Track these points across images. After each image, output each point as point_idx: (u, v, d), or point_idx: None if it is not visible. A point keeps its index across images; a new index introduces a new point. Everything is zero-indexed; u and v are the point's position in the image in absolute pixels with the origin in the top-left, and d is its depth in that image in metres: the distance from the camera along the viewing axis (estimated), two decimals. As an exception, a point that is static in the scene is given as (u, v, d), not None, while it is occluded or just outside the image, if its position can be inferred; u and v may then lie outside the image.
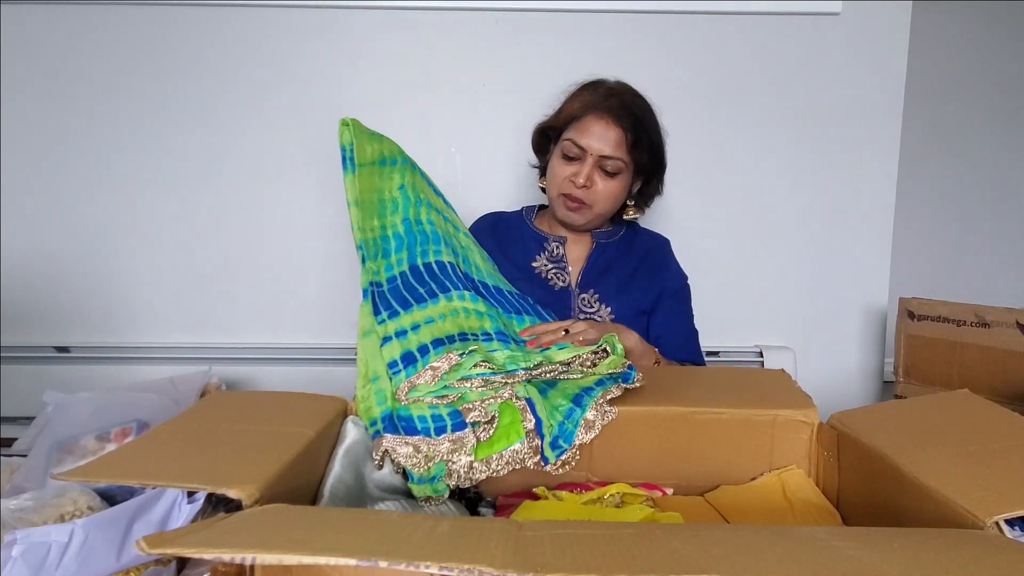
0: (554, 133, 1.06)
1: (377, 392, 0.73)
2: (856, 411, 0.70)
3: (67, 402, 1.03)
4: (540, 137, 1.11)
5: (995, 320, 1.11)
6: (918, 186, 1.68)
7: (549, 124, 1.07)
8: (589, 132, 0.99)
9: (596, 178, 1.01)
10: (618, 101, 1.00)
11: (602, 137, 0.99)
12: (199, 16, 1.37)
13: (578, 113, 1.01)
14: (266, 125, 1.41)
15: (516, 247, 1.11)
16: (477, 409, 0.71)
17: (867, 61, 1.41)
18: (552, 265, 1.08)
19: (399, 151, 0.91)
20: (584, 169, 1.00)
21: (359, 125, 0.85)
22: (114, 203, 1.42)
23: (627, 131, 0.99)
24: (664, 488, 0.73)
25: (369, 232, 0.84)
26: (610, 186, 1.02)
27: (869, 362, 1.51)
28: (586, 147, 0.99)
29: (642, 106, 1.03)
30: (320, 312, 1.46)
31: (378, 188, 0.86)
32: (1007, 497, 0.49)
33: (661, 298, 1.09)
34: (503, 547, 0.37)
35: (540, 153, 1.13)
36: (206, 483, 0.50)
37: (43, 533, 0.60)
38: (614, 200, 1.04)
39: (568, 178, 1.01)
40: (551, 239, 1.10)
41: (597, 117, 0.99)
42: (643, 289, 1.08)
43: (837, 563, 0.37)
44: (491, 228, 1.13)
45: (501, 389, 0.73)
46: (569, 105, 1.04)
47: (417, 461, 0.67)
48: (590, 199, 1.02)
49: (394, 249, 0.85)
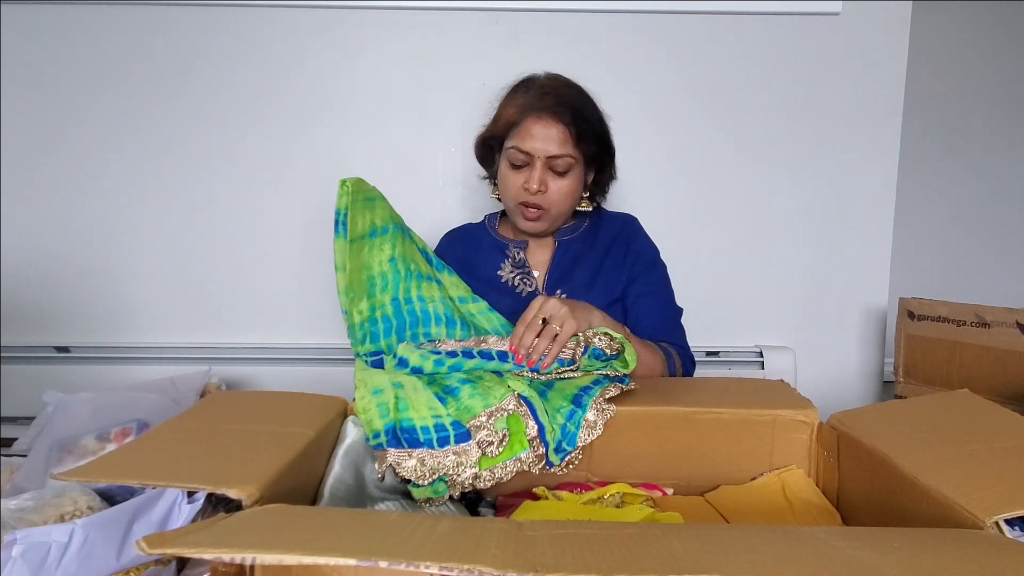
0: (496, 142, 1.03)
1: (379, 405, 0.72)
2: (856, 411, 0.70)
3: (67, 402, 1.03)
4: (483, 148, 1.08)
5: (995, 320, 1.11)
6: (918, 186, 1.68)
7: (489, 134, 1.04)
8: (531, 135, 0.96)
9: (548, 181, 0.98)
10: (554, 98, 0.97)
11: (545, 138, 0.96)
12: (199, 16, 1.37)
13: (516, 118, 0.98)
14: (266, 125, 1.41)
15: (480, 258, 1.08)
16: (486, 428, 0.70)
17: (867, 61, 1.41)
18: (517, 271, 1.06)
19: (390, 215, 0.89)
20: (535, 174, 0.97)
21: (359, 186, 0.84)
22: (114, 203, 1.42)
23: (569, 126, 0.96)
24: (664, 488, 0.73)
25: (357, 316, 0.84)
26: (563, 185, 0.99)
27: (869, 362, 1.51)
28: (531, 151, 0.97)
29: (579, 96, 1.00)
30: (320, 312, 1.46)
31: (367, 264, 0.86)
32: (1007, 497, 0.49)
33: (631, 281, 1.06)
34: (503, 547, 0.37)
35: (486, 164, 1.10)
36: (206, 483, 0.50)
37: (43, 533, 0.60)
38: (571, 198, 1.02)
39: (521, 187, 0.98)
40: (512, 245, 1.08)
41: (536, 118, 0.97)
42: (612, 277, 1.05)
43: (837, 563, 0.37)
44: (456, 244, 1.12)
45: (504, 395, 0.73)
46: (505, 111, 1.01)
47: (422, 474, 0.67)
48: (547, 202, 0.99)
49: (383, 333, 0.85)
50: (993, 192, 1.75)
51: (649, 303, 1.05)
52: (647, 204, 1.41)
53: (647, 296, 1.05)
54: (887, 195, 1.45)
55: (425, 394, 0.74)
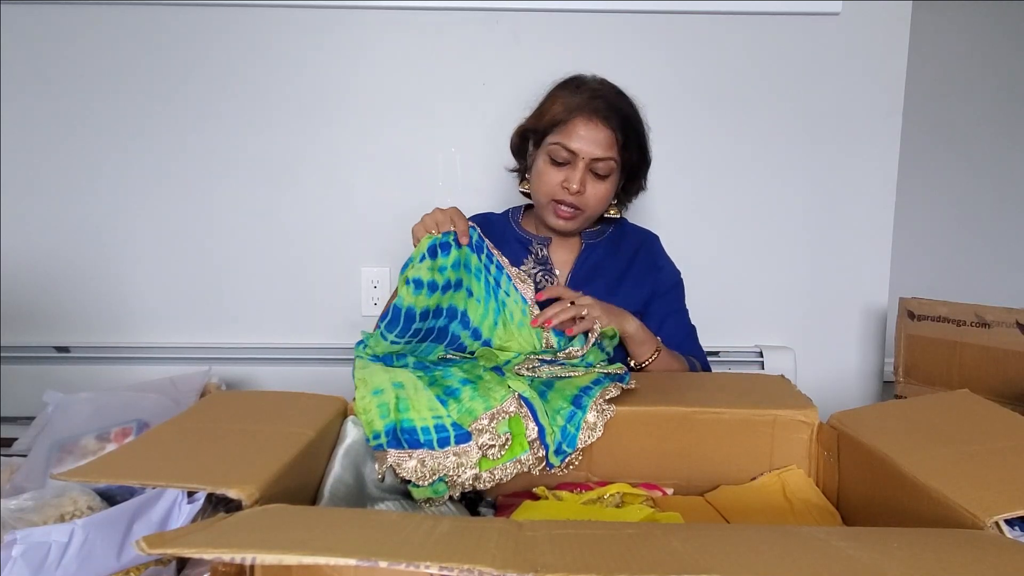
0: (536, 136, 1.03)
1: (380, 405, 0.72)
2: (856, 411, 0.70)
3: (67, 402, 1.03)
4: (520, 140, 1.08)
5: (995, 320, 1.11)
6: (918, 186, 1.68)
7: (531, 127, 1.04)
8: (578, 135, 0.97)
9: (587, 182, 0.99)
10: (604, 102, 0.98)
11: (592, 140, 0.97)
12: (199, 16, 1.37)
13: (563, 116, 0.98)
14: (266, 125, 1.41)
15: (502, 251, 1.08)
16: (489, 431, 0.70)
17: (867, 61, 1.41)
18: (539, 268, 1.06)
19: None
20: (576, 175, 0.97)
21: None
22: (114, 203, 1.42)
23: (617, 131, 0.97)
24: (664, 488, 0.73)
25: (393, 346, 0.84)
26: (600, 189, 1.00)
27: (869, 362, 1.51)
28: (577, 151, 0.97)
29: (628, 104, 1.01)
30: (320, 312, 1.46)
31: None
32: (1007, 497, 0.49)
33: (653, 297, 1.08)
34: (503, 547, 0.37)
35: (520, 156, 1.10)
36: (206, 483, 0.50)
37: (43, 533, 0.60)
38: (605, 202, 1.03)
39: (560, 184, 0.99)
40: (535, 241, 1.08)
41: (585, 119, 0.97)
42: (634, 289, 1.07)
43: (837, 563, 0.37)
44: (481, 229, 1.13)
45: (505, 396, 0.73)
46: (551, 107, 1.01)
47: (422, 474, 0.67)
48: (583, 204, 1.00)
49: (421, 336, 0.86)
50: (993, 192, 1.75)
51: (673, 321, 1.08)
52: (647, 204, 1.41)
53: (672, 315, 1.08)
54: (887, 195, 1.45)
55: (426, 395, 0.74)
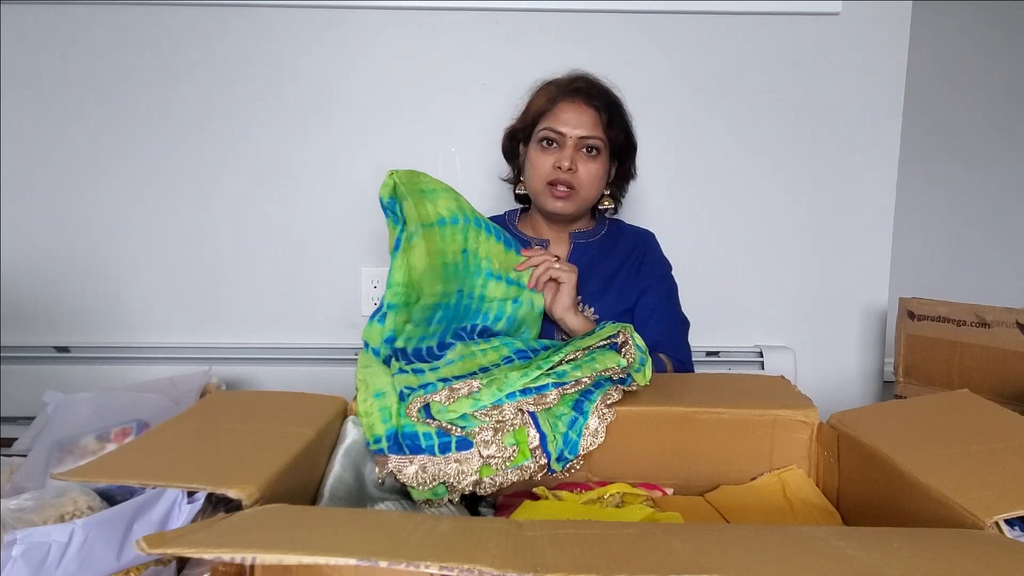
0: (524, 133, 1.06)
1: (382, 409, 0.72)
2: (856, 411, 0.70)
3: (67, 402, 1.03)
4: (510, 142, 1.10)
5: (995, 320, 1.11)
6: (918, 186, 1.68)
7: (519, 125, 1.07)
8: (564, 118, 1.00)
9: (578, 162, 1.01)
10: (586, 84, 1.02)
11: (578, 120, 1.00)
12: (199, 16, 1.37)
13: (547, 105, 1.02)
14: (266, 125, 1.41)
15: None
16: (495, 443, 0.69)
17: (867, 61, 1.41)
18: None
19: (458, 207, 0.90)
20: (567, 153, 1.00)
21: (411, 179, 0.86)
22: (114, 203, 1.42)
23: (601, 111, 1.00)
24: (664, 488, 0.73)
25: (429, 297, 0.84)
26: (592, 168, 1.02)
27: (869, 362, 1.51)
28: (565, 132, 1.00)
29: (608, 87, 1.05)
30: (320, 312, 1.46)
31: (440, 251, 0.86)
32: (1007, 497, 0.49)
33: (642, 292, 1.08)
34: (503, 547, 0.37)
35: (511, 158, 1.12)
36: (206, 483, 0.50)
37: (43, 533, 0.60)
38: (598, 183, 1.05)
39: (552, 166, 1.01)
40: (534, 242, 1.09)
41: (569, 101, 1.00)
42: (626, 286, 1.08)
43: (837, 563, 0.37)
44: None
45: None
46: (535, 102, 1.04)
47: (423, 480, 0.67)
48: (577, 183, 1.01)
49: (436, 320, 0.86)
50: (993, 192, 1.75)
51: (658, 317, 1.07)
52: (646, 204, 1.41)
53: (655, 308, 1.08)
54: (887, 195, 1.45)
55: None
